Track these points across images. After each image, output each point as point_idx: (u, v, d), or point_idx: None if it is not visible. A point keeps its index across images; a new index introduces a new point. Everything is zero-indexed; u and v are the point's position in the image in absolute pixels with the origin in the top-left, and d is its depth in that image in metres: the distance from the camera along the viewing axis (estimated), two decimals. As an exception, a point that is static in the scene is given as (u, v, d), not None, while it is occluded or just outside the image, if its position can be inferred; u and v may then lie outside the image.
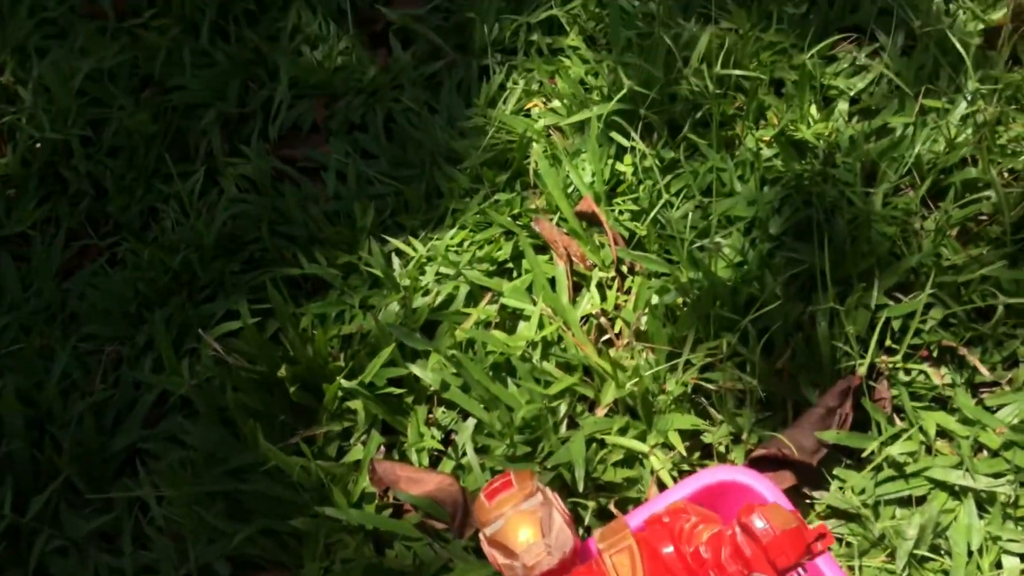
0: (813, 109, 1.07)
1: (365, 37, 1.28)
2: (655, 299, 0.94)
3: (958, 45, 1.01)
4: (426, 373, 0.91)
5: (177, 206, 1.12)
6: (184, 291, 1.06)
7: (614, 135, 1.07)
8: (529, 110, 1.16)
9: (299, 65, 1.23)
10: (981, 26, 1.12)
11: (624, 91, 1.03)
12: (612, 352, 0.93)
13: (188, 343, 1.00)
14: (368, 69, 1.22)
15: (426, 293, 0.98)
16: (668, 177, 1.04)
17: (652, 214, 0.97)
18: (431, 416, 0.92)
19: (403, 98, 1.18)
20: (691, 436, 0.87)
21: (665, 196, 1.01)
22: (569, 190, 1.06)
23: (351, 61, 1.24)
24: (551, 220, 1.04)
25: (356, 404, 0.91)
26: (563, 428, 0.88)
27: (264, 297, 1.02)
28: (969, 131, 1.00)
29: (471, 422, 0.89)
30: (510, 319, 0.96)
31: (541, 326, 0.93)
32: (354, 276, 1.04)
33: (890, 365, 0.87)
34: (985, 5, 1.14)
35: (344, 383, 0.90)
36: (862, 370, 0.86)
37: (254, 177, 1.14)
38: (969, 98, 1.01)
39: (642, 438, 0.85)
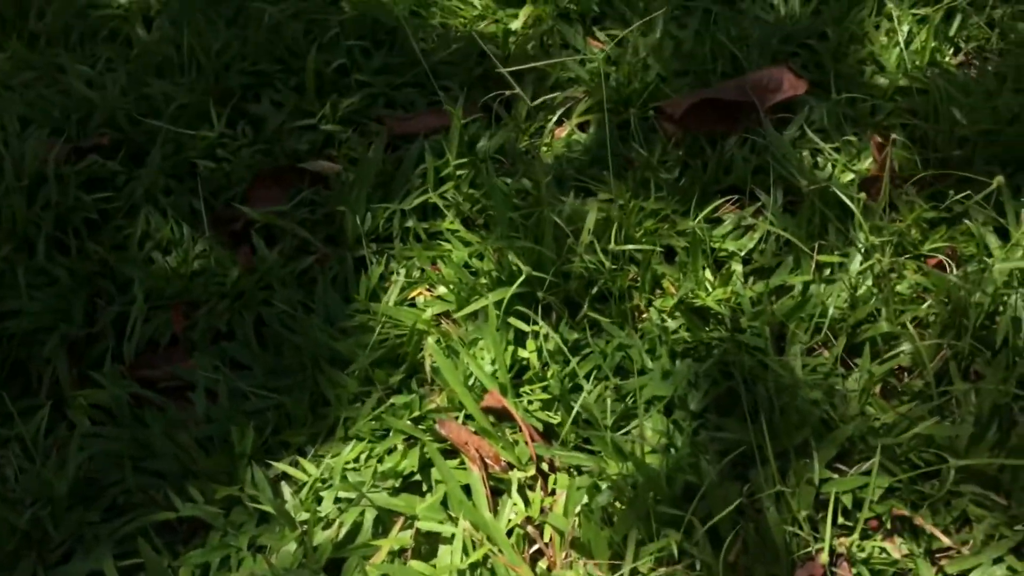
0: (708, 273, 1.04)
1: (224, 237, 1.18)
2: (585, 498, 0.85)
3: (847, 200, 1.01)
4: (339, 624, 0.78)
5: (20, 450, 0.97)
6: (33, 553, 0.89)
7: (512, 320, 1.00)
8: (414, 300, 1.09)
9: (152, 274, 1.12)
10: (852, 176, 1.13)
11: (523, 276, 0.97)
12: (545, 564, 0.83)
13: (42, 621, 0.84)
14: (230, 271, 1.12)
15: (327, 525, 0.86)
16: (576, 359, 0.97)
17: (575, 410, 0.89)
18: (350, 674, 0.79)
19: (273, 299, 1.09)
20: (653, 658, 0.77)
21: (583, 385, 0.94)
22: (470, 383, 0.97)
23: (210, 264, 1.14)
24: (456, 419, 0.95)
25: (259, 675, 0.76)
26: (508, 670, 0.76)
27: (133, 550, 0.87)
28: (868, 283, 0.99)
29: (399, 677, 0.76)
30: (427, 542, 0.85)
31: (465, 549, 0.83)
32: (238, 511, 0.90)
33: (847, 545, 0.81)
34: (851, 156, 1.16)
35: (243, 651, 0.76)
36: (823, 557, 0.79)
37: (110, 406, 1.00)
38: (864, 251, 1.00)
39: (602, 671, 0.74)
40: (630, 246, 1.02)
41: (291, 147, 1.26)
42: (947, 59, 1.28)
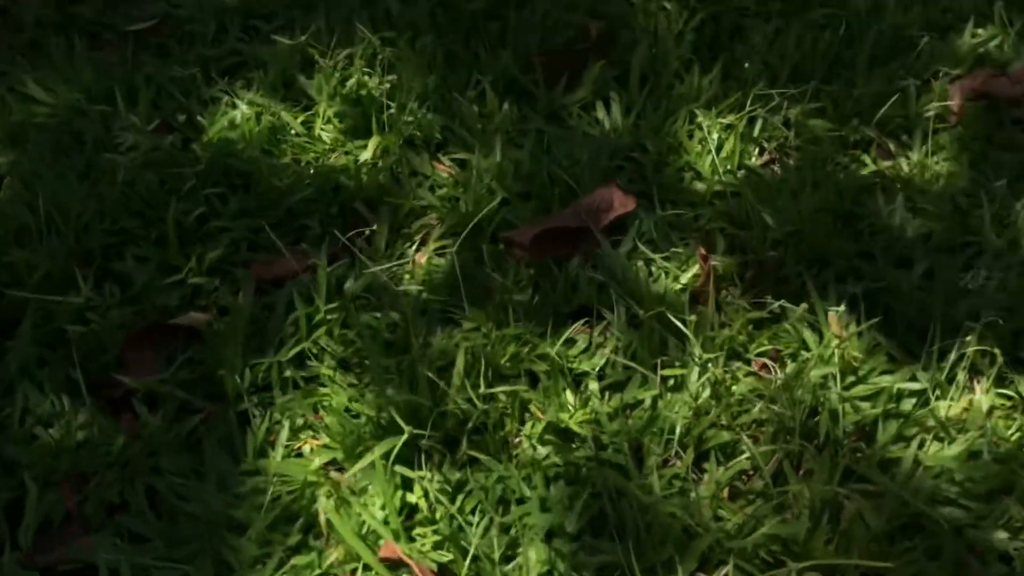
0: (569, 395, 1.15)
1: (104, 403, 1.21)
2: (483, 636, 0.94)
3: (679, 324, 1.14)
4: None
5: (-75, 663, 0.98)
6: None
7: (397, 468, 1.08)
8: (301, 450, 1.15)
9: (36, 451, 1.14)
10: (682, 286, 1.27)
11: (405, 436, 1.05)
12: None
13: None
14: (115, 439, 1.16)
15: None
16: (461, 498, 1.06)
17: (470, 552, 0.98)
18: None
19: (162, 466, 1.13)
20: None
21: (470, 522, 1.03)
22: (364, 531, 1.05)
23: (94, 434, 1.17)
24: (355, 572, 1.02)
25: None
26: None
27: None
28: (707, 393, 1.12)
29: None
30: None
31: None
32: None
33: (714, 648, 0.93)
34: (680, 263, 1.30)
35: None
36: (695, 665, 0.91)
37: (13, 602, 1.02)
38: (700, 363, 1.13)
39: None
40: (499, 388, 1.12)
41: (161, 303, 1.30)
42: (753, 160, 1.44)
